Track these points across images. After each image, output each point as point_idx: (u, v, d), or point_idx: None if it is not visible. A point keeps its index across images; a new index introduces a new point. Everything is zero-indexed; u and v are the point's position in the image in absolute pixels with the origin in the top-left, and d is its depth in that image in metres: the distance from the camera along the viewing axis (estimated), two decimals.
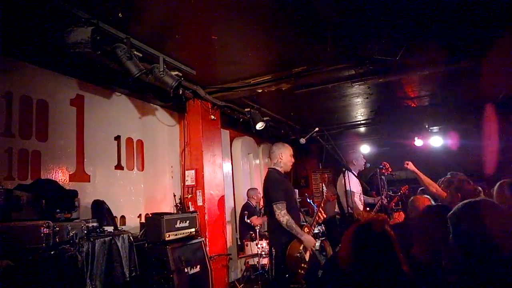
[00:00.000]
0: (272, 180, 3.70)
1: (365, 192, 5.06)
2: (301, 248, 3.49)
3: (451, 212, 1.61)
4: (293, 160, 3.92)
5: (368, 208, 4.91)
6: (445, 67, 4.90)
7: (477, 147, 7.61)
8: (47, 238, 2.69)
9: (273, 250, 3.57)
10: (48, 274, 2.62)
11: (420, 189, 5.63)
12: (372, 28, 3.73)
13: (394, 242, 1.50)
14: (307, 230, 3.63)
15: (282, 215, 3.42)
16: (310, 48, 4.33)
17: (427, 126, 8.54)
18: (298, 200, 7.26)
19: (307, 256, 3.54)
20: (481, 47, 4.40)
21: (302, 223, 3.78)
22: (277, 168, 3.80)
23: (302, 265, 3.46)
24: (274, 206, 3.47)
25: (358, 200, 4.68)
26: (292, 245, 3.47)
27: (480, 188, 3.51)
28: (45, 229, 2.69)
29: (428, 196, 3.69)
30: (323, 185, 4.42)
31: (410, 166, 4.28)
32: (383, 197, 4.72)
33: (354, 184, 4.40)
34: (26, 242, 2.65)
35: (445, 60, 4.75)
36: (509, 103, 6.32)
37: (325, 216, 4.05)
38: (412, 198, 3.70)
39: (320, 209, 3.98)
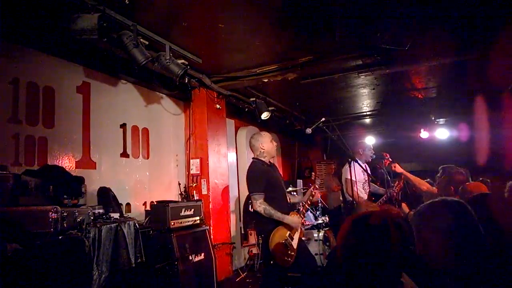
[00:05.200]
0: (252, 171, 3.68)
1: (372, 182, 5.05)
2: (287, 235, 3.47)
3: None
4: (275, 143, 3.86)
5: (373, 198, 4.90)
6: (454, 58, 4.83)
7: (488, 139, 7.50)
8: (55, 223, 2.71)
9: (259, 238, 3.58)
10: (56, 259, 2.65)
11: (426, 180, 5.60)
12: (381, 17, 3.68)
13: (393, 237, 1.34)
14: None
15: (258, 205, 3.44)
16: (317, 38, 4.29)
17: (433, 118, 8.47)
18: (296, 190, 7.26)
19: (294, 244, 3.51)
20: (489, 36, 4.32)
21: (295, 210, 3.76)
22: (260, 158, 3.77)
23: (289, 252, 3.44)
24: (252, 197, 3.52)
25: (362, 189, 4.67)
26: (277, 232, 3.45)
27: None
28: (53, 214, 2.70)
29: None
30: (316, 177, 4.38)
31: (398, 168, 4.37)
32: (394, 188, 4.65)
33: (357, 173, 4.39)
34: (34, 227, 2.67)
35: (453, 50, 4.68)
36: None
37: (319, 196, 4.00)
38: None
39: (312, 188, 3.93)
